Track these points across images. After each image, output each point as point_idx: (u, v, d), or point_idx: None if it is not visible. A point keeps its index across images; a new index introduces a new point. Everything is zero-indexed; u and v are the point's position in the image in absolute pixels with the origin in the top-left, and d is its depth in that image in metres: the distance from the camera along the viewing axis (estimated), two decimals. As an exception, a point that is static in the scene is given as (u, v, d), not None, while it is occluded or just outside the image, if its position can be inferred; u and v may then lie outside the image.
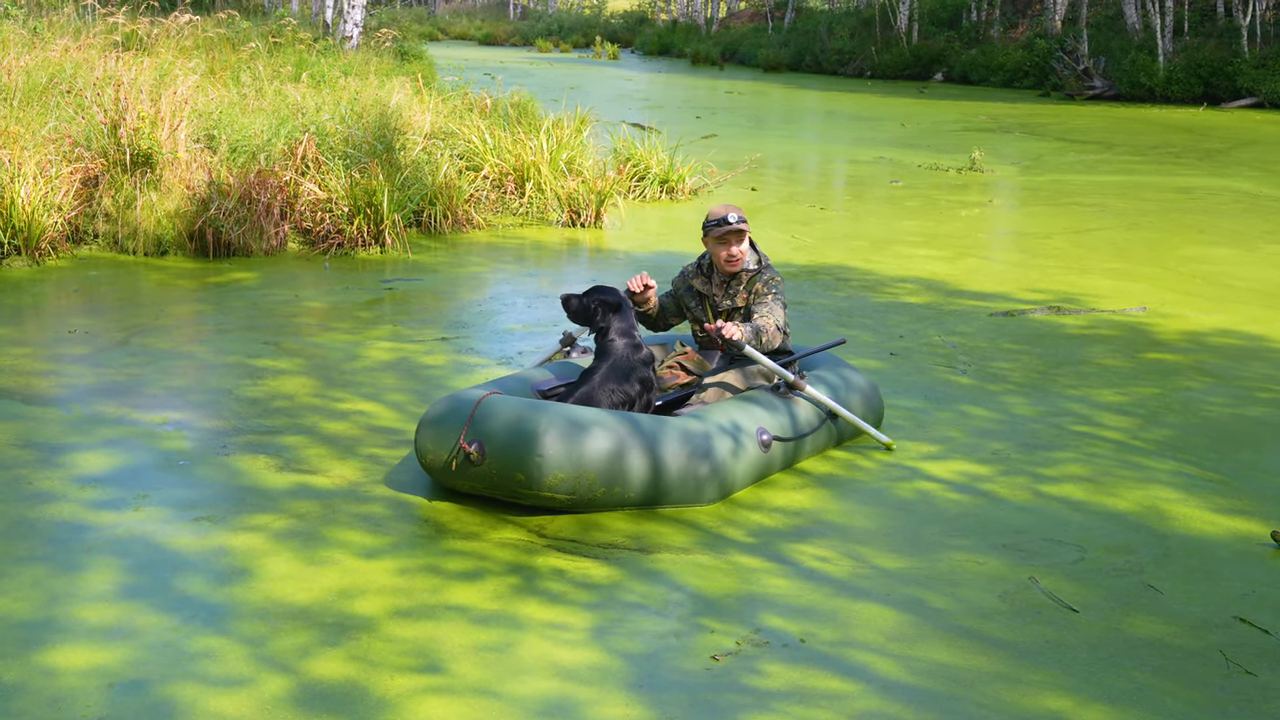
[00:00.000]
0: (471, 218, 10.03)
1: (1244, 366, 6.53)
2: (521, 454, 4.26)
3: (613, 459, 4.31)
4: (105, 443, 5.05)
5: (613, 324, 4.94)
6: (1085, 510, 4.60)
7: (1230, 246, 9.90)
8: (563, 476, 4.25)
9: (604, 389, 4.80)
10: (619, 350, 4.90)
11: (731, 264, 5.15)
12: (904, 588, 3.96)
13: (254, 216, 8.77)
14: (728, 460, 4.54)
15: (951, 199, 12.32)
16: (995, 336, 7.08)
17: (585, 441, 4.28)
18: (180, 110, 9.11)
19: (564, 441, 4.25)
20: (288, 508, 4.44)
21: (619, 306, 4.97)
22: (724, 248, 5.13)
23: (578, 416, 4.36)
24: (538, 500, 4.33)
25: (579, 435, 4.28)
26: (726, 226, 5.06)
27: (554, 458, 4.23)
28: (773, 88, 28.54)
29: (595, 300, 4.98)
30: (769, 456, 4.74)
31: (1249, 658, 3.55)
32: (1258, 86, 22.92)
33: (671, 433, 4.47)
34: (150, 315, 7.19)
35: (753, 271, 5.20)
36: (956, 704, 3.28)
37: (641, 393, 4.90)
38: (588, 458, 4.27)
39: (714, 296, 5.26)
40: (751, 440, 4.65)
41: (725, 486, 4.56)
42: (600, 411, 4.46)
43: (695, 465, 4.46)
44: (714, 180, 12.50)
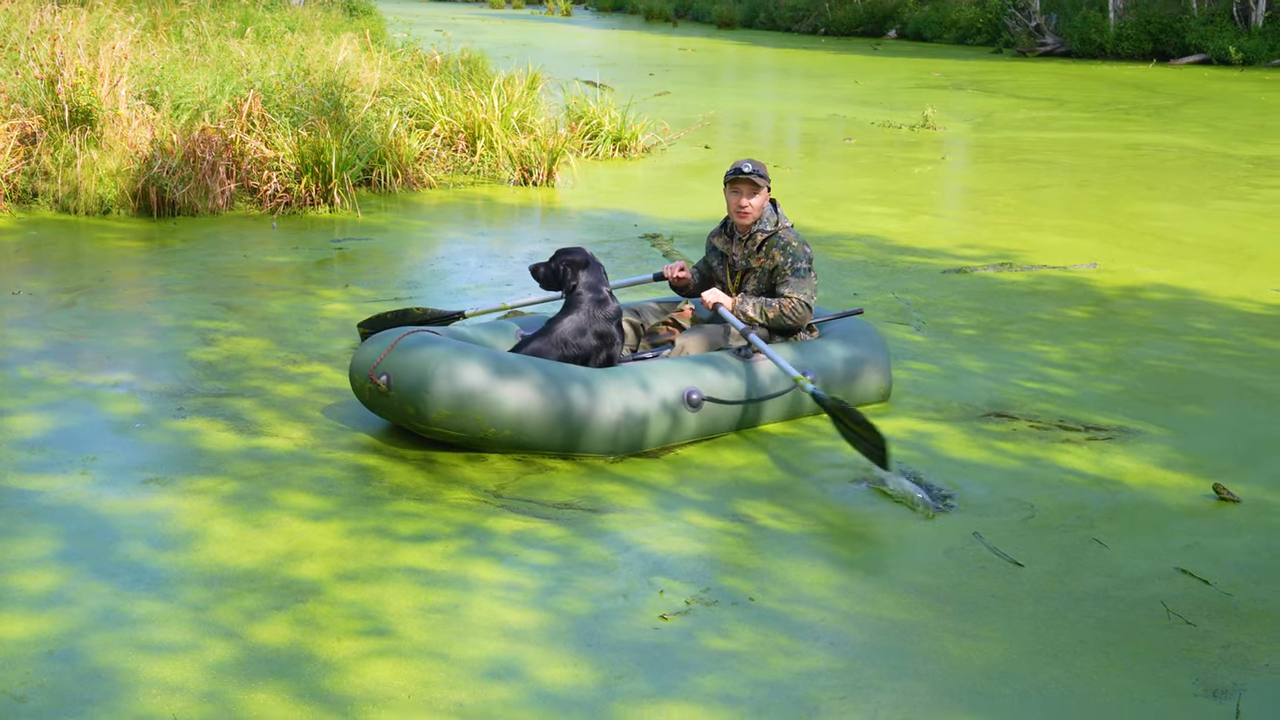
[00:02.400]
0: (422, 176, 9.92)
1: (1191, 321, 6.61)
2: (414, 389, 4.48)
3: (501, 401, 4.45)
4: (52, 405, 4.96)
5: (580, 280, 5.02)
6: (1033, 465, 4.65)
7: (1178, 203, 9.99)
8: (448, 413, 4.45)
9: (555, 341, 4.88)
10: (582, 305, 4.97)
11: (741, 215, 5.11)
12: (853, 545, 3.98)
13: (199, 175, 8.62)
14: (643, 414, 4.57)
15: (904, 156, 12.34)
16: (948, 293, 7.11)
17: (473, 382, 4.44)
18: (120, 66, 8.91)
19: (451, 381, 4.44)
20: (236, 470, 4.39)
21: (586, 263, 5.05)
22: (735, 196, 5.10)
23: (477, 359, 4.51)
24: (432, 434, 4.55)
25: (468, 376, 4.45)
26: (738, 175, 5.06)
27: (440, 395, 4.44)
28: (726, 44, 28.41)
29: (562, 261, 5.08)
30: (700, 416, 4.72)
31: (1189, 608, 3.60)
32: (1205, 43, 23.11)
33: (581, 383, 4.54)
34: (95, 276, 7.06)
35: (769, 233, 5.11)
36: (904, 659, 3.31)
37: (600, 348, 4.93)
38: (474, 398, 4.44)
39: (733, 255, 5.23)
40: (677, 398, 4.65)
41: (638, 440, 4.60)
42: (509, 356, 4.61)
43: (602, 416, 4.51)
44: (667, 138, 12.44)
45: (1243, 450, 4.85)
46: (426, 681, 3.12)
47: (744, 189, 5.08)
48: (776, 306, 5.02)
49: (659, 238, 8.33)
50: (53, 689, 3.04)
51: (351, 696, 3.05)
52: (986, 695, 3.16)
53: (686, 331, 5.17)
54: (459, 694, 3.08)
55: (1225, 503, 4.34)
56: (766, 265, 5.10)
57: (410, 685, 3.10)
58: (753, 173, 5.06)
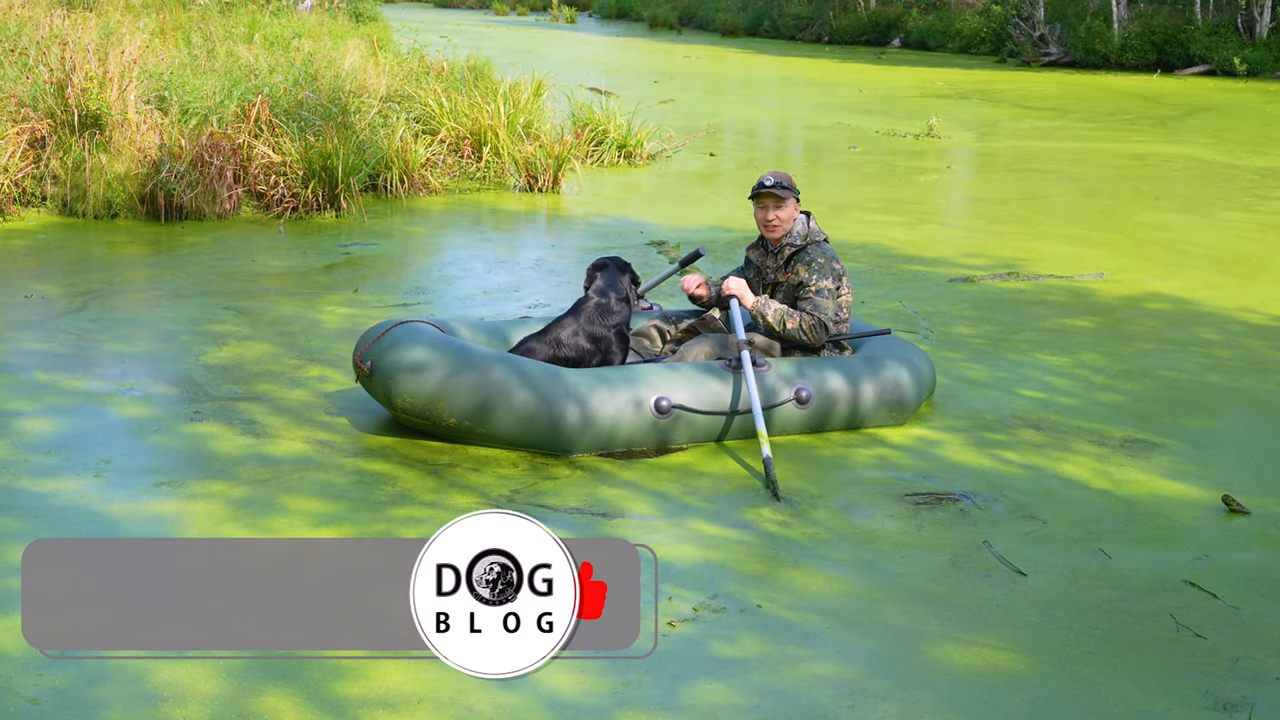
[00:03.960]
0: (428, 182, 9.94)
1: (1199, 332, 6.61)
2: (385, 375, 4.69)
3: (463, 393, 4.58)
4: (65, 409, 4.98)
5: (594, 284, 5.11)
6: (1040, 475, 4.65)
7: (1185, 213, 10.00)
8: (411, 400, 4.64)
9: (549, 341, 5.00)
10: (584, 310, 5.05)
11: (768, 229, 5.10)
12: (859, 552, 3.99)
13: (206, 180, 8.64)
14: (606, 416, 4.61)
15: (909, 165, 12.36)
16: (954, 302, 7.12)
17: (437, 372, 4.61)
18: (129, 70, 8.93)
19: (416, 370, 4.63)
20: (246, 474, 4.40)
21: (604, 267, 5.16)
22: (762, 211, 5.10)
23: (446, 351, 4.67)
24: (402, 419, 4.75)
25: (432, 366, 4.62)
26: (761, 189, 5.05)
27: (405, 382, 4.64)
28: (730, 52, 28.44)
29: (593, 264, 5.24)
30: (671, 423, 4.70)
31: (1198, 620, 3.60)
32: (1210, 54, 23.12)
33: (547, 381, 4.62)
34: (105, 280, 7.08)
35: (796, 247, 5.07)
36: (911, 668, 3.31)
37: (594, 352, 4.98)
38: (437, 388, 4.60)
39: (765, 268, 5.21)
40: (646, 402, 4.66)
41: (600, 441, 4.64)
42: (482, 351, 4.73)
43: (564, 415, 4.57)
44: (672, 145, 12.46)
45: (1252, 462, 4.86)
46: (434, 686, 3.12)
47: (769, 202, 5.06)
48: (796, 319, 4.97)
49: (665, 244, 8.34)
50: (64, 692, 3.04)
51: (359, 701, 3.06)
52: (994, 705, 3.16)
53: (693, 340, 5.17)
54: (467, 699, 3.08)
55: (1235, 514, 4.34)
56: (792, 280, 5.05)
57: (418, 690, 3.11)
58: (775, 185, 5.02)
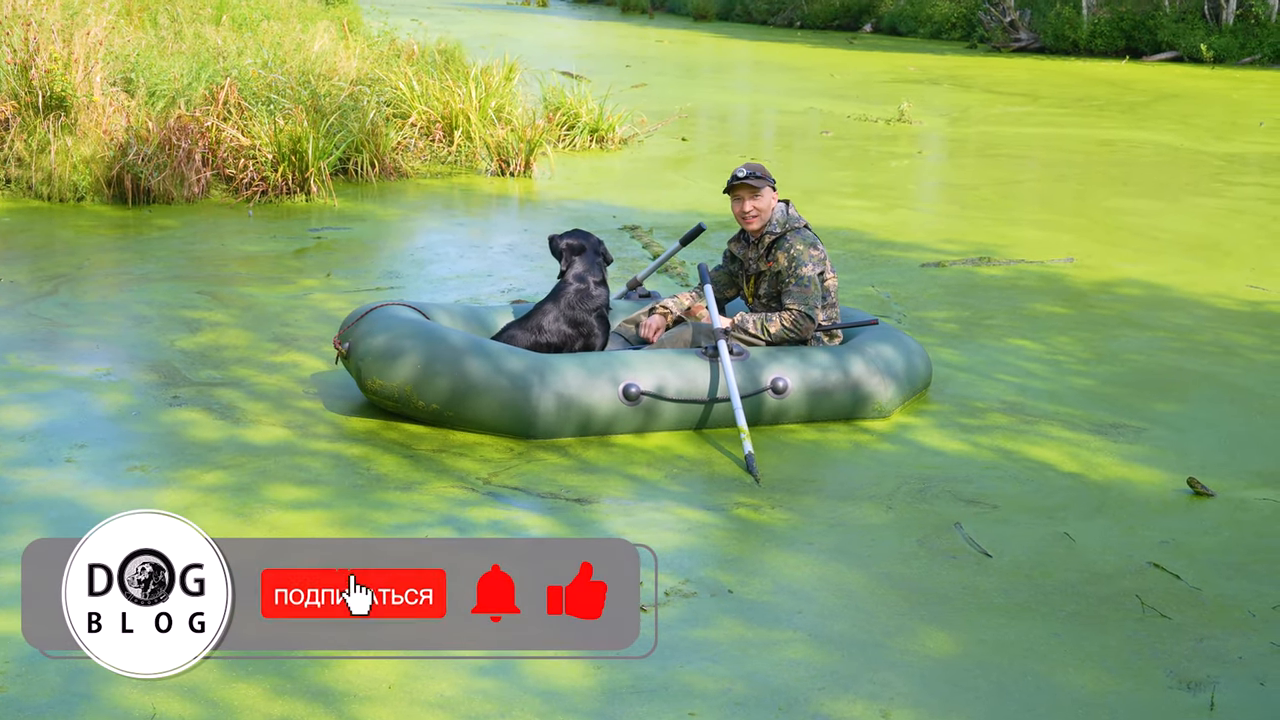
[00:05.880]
0: (399, 166, 9.89)
1: (1168, 317, 6.68)
2: (360, 357, 4.77)
3: (427, 376, 4.64)
4: (37, 395, 4.94)
5: (573, 266, 5.06)
6: (1010, 458, 4.70)
7: (1153, 198, 10.08)
8: (381, 383, 4.70)
9: (530, 327, 4.99)
10: (566, 294, 5.03)
11: (746, 221, 5.07)
12: (830, 536, 4.02)
13: (174, 163, 8.57)
14: (574, 401, 4.63)
15: (881, 150, 12.40)
16: (926, 287, 7.16)
17: (406, 356, 4.68)
18: (95, 52, 8.83)
19: (385, 353, 4.69)
20: (220, 460, 4.39)
21: (581, 250, 5.10)
22: (737, 204, 5.07)
23: (417, 335, 4.71)
24: (373, 399, 4.81)
25: (401, 349, 4.69)
26: (734, 180, 5.02)
27: (374, 364, 4.71)
28: (703, 37, 28.40)
29: (563, 242, 5.14)
30: (641, 410, 4.71)
31: (1163, 601, 3.66)
32: (1177, 41, 23.27)
33: (516, 366, 4.65)
34: (73, 264, 7.02)
35: (776, 235, 5.06)
36: (881, 650, 3.35)
37: (575, 337, 4.99)
38: (404, 371, 4.66)
39: (747, 260, 5.20)
40: (613, 388, 4.67)
41: (575, 426, 4.66)
42: (453, 334, 4.75)
43: (531, 399, 4.59)
44: (644, 129, 12.44)
45: (1218, 445, 4.92)
46: (410, 674, 3.13)
47: (744, 194, 5.04)
48: (777, 322, 4.97)
49: (638, 229, 8.34)
50: (32, 682, 3.03)
51: (335, 690, 3.06)
52: (963, 687, 3.20)
53: (676, 328, 5.17)
54: (441, 686, 3.09)
55: (1200, 497, 4.41)
56: (774, 268, 5.06)
57: (394, 678, 3.12)
58: (748, 176, 5.00)
